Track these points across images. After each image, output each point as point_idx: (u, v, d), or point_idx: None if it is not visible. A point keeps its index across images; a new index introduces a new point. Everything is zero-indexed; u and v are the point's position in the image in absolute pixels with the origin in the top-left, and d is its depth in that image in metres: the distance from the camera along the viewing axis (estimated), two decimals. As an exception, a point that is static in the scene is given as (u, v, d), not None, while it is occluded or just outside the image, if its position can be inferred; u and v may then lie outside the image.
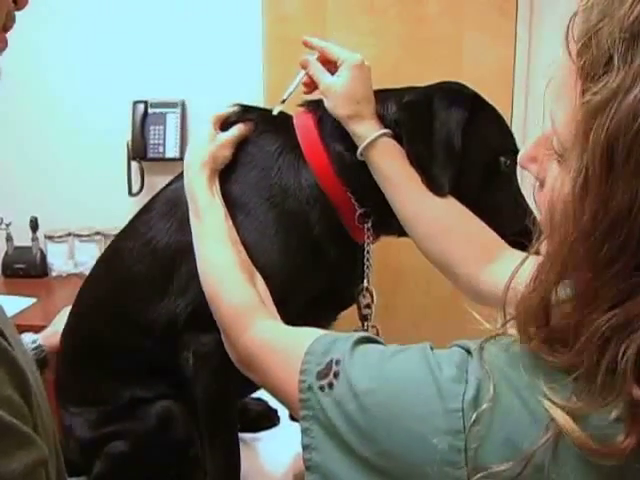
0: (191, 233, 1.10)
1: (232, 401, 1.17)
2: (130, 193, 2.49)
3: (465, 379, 0.64)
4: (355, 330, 1.17)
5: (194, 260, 1.08)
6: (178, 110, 2.46)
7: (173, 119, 2.46)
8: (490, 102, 1.17)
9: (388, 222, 1.13)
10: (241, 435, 1.19)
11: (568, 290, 0.61)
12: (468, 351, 0.67)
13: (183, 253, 1.12)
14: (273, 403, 1.44)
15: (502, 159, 1.12)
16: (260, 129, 1.17)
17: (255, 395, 1.36)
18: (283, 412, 1.45)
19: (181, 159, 2.52)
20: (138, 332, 1.16)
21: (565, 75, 0.59)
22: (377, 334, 1.16)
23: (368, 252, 1.16)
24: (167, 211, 1.18)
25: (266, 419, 1.45)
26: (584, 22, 0.57)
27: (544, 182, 0.66)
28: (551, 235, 0.61)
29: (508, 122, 1.24)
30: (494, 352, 0.65)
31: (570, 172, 0.57)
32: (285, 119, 1.18)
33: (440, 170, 1.08)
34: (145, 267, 1.17)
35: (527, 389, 0.61)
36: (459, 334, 0.70)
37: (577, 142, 0.57)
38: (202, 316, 1.03)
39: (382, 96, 1.14)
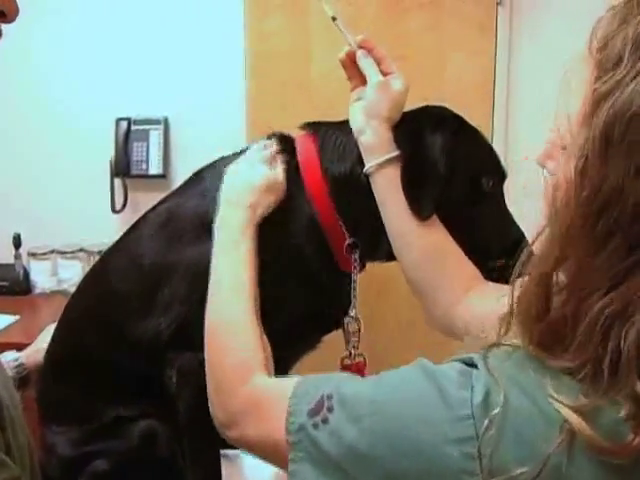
0: (177, 252, 1.10)
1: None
2: (113, 210, 2.48)
3: (471, 386, 0.65)
4: (342, 358, 1.18)
5: (178, 280, 1.08)
6: (161, 127, 2.45)
7: (156, 136, 2.45)
8: (471, 122, 1.17)
9: (374, 251, 1.15)
10: (223, 451, 1.19)
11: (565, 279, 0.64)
12: (470, 363, 0.68)
13: (168, 272, 1.12)
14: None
15: (484, 180, 1.13)
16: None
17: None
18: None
19: (164, 176, 2.52)
20: (124, 349, 1.17)
21: (584, 69, 0.66)
22: (364, 362, 1.17)
23: (355, 281, 1.16)
24: (156, 230, 1.18)
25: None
26: (608, 25, 0.66)
27: None
28: (553, 217, 0.65)
29: (489, 136, 1.24)
30: (498, 359, 0.67)
31: (576, 152, 0.63)
32: (288, 141, 1.18)
33: (425, 194, 1.08)
34: (131, 284, 1.18)
35: (537, 390, 0.62)
36: (452, 340, 0.70)
37: (584, 125, 0.64)
38: (185, 335, 1.03)
39: None
